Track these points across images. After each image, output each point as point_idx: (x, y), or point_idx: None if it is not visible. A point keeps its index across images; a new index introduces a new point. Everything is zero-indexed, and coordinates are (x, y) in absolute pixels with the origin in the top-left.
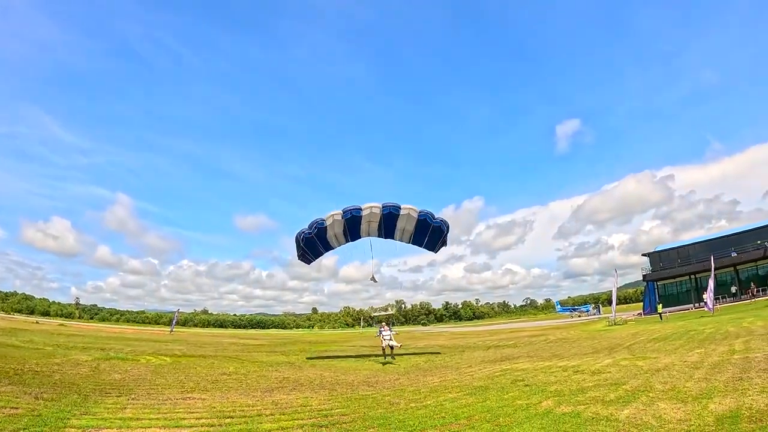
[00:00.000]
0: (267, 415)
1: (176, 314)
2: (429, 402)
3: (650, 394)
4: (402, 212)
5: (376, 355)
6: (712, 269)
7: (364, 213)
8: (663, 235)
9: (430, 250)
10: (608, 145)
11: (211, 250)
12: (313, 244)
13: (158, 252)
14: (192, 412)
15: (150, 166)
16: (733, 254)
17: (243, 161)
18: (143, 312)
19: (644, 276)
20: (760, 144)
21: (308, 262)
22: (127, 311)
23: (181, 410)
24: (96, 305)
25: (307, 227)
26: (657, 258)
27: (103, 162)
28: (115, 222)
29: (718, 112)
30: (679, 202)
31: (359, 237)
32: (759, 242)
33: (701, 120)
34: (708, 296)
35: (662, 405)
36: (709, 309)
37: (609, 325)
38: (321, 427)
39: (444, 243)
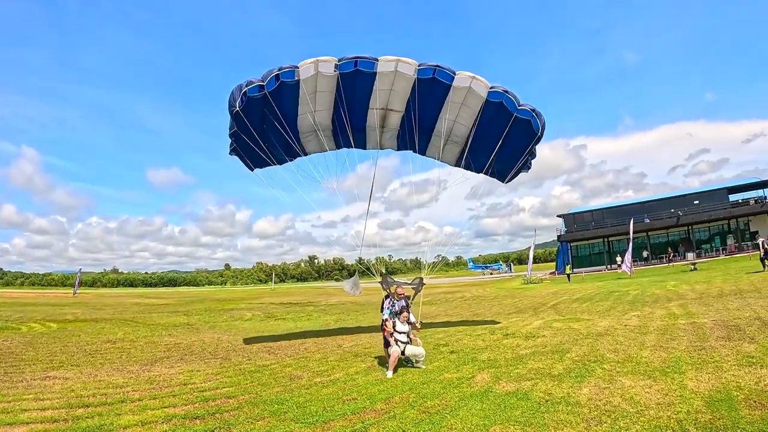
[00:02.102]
0: (132, 401)
1: (78, 274)
2: (338, 375)
3: (605, 366)
4: (457, 83)
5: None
6: (631, 233)
7: (380, 70)
8: (573, 200)
9: (498, 178)
10: None
11: (122, 206)
12: (259, 117)
13: (66, 209)
14: (41, 400)
15: (58, 117)
16: (646, 221)
17: (157, 113)
18: (50, 274)
19: (559, 236)
20: (669, 124)
21: (250, 163)
22: (33, 274)
23: (29, 397)
24: (1, 269)
25: (259, 78)
26: (572, 220)
27: (8, 113)
28: (20, 178)
29: (634, 91)
30: (589, 170)
31: (364, 139)
32: (672, 210)
33: (617, 96)
34: (626, 259)
35: (626, 381)
36: (627, 271)
37: (525, 283)
38: (194, 419)
39: (528, 160)
